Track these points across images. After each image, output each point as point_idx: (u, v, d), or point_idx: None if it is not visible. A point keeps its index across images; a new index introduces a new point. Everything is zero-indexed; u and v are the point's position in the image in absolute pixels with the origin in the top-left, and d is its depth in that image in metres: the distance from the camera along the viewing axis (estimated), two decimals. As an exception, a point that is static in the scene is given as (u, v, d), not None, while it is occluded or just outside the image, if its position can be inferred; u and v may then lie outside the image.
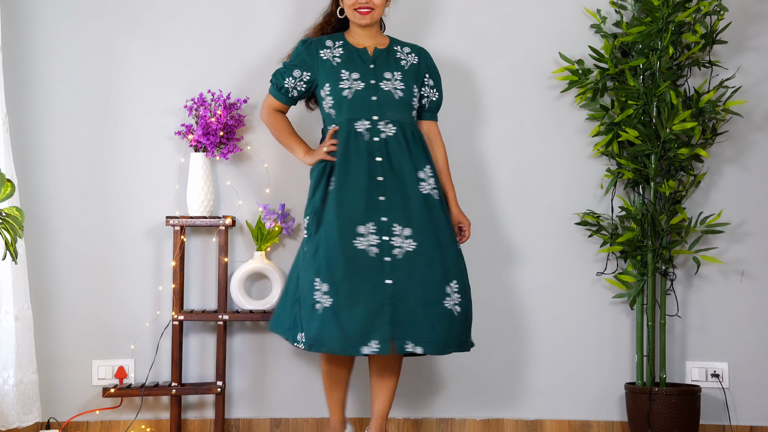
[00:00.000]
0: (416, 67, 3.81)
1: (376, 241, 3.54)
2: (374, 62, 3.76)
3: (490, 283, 4.23)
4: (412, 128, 3.73)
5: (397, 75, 3.75)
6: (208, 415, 4.17)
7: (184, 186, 4.17)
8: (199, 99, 4.10)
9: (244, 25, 4.25)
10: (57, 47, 4.18)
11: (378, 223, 3.56)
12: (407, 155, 3.66)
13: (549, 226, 4.25)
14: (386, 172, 3.63)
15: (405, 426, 4.21)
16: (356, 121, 3.68)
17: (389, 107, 3.70)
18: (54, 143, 4.17)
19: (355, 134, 3.66)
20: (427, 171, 3.69)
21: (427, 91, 3.84)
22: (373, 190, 3.60)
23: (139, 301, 4.16)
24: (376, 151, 3.65)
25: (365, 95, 3.69)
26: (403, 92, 3.73)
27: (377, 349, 3.46)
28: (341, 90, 3.70)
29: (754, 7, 4.25)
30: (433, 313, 3.51)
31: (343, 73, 3.72)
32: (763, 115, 4.24)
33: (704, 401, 4.15)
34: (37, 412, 3.93)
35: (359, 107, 3.69)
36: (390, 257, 3.53)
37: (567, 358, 4.24)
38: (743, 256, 4.22)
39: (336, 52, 3.77)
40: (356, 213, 3.56)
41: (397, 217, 3.58)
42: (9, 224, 3.14)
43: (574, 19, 4.27)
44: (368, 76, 3.73)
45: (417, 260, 3.53)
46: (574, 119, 4.27)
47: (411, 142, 3.69)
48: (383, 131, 3.67)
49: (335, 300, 3.49)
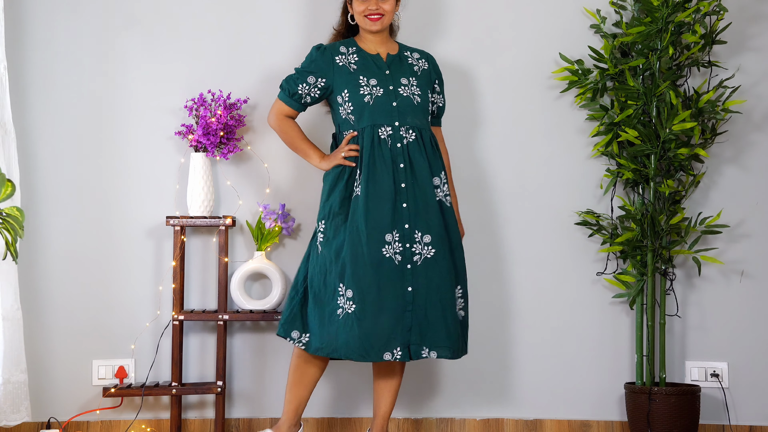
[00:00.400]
0: (428, 73, 3.83)
1: (400, 249, 3.59)
2: (389, 68, 3.76)
3: (490, 283, 4.23)
4: (429, 134, 3.75)
5: (412, 81, 3.76)
6: (208, 415, 4.17)
7: (184, 186, 4.17)
8: (199, 99, 4.11)
9: (245, 25, 4.25)
10: (57, 47, 4.18)
11: (401, 230, 3.61)
12: (426, 161, 3.68)
13: (549, 226, 4.26)
14: (408, 179, 3.65)
15: (405, 426, 4.21)
16: (379, 127, 3.68)
17: (409, 113, 3.71)
18: (54, 143, 4.17)
19: (379, 140, 3.67)
20: (442, 177, 3.72)
21: (436, 97, 3.86)
22: (397, 197, 3.63)
23: (140, 301, 4.17)
24: (399, 157, 3.66)
25: (386, 101, 3.69)
26: (420, 98, 3.75)
27: (400, 356, 3.55)
28: (362, 96, 3.69)
29: (754, 7, 4.25)
30: (449, 319, 3.61)
31: (362, 80, 3.71)
32: (763, 115, 4.24)
33: (704, 401, 4.15)
34: (26, 412, 3.92)
35: (381, 113, 3.69)
36: (411, 264, 3.60)
37: (567, 357, 4.24)
38: (743, 257, 4.22)
39: (351, 59, 3.75)
40: (384, 221, 3.60)
41: (419, 224, 3.63)
42: (9, 224, 3.15)
43: (573, 19, 4.27)
44: (386, 82, 3.73)
45: (435, 267, 3.61)
46: (574, 119, 4.27)
47: (429, 148, 3.71)
48: (404, 137, 3.68)
49: (360, 307, 3.55)
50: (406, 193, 3.64)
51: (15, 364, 3.88)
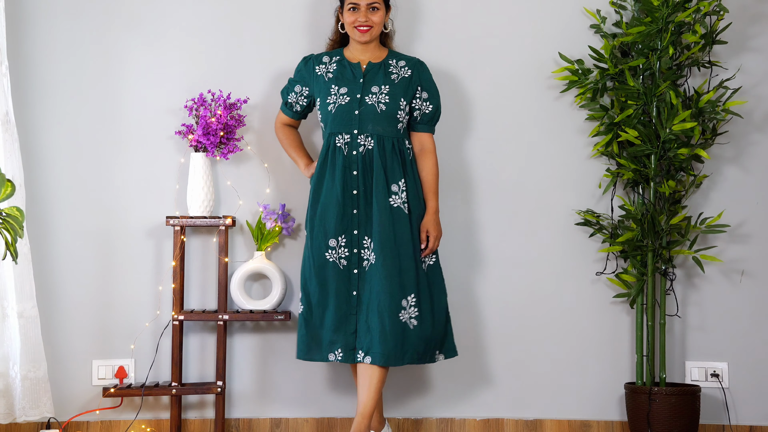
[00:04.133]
0: (407, 81, 3.88)
1: (346, 254, 3.77)
2: (365, 76, 3.86)
3: (491, 283, 4.23)
4: (394, 140, 3.83)
5: (384, 89, 3.83)
6: (208, 415, 4.17)
7: (184, 186, 4.17)
8: (199, 99, 4.10)
9: (245, 25, 4.25)
10: (57, 47, 4.18)
11: (350, 235, 3.78)
12: (382, 168, 3.78)
13: (549, 226, 4.25)
14: (360, 186, 3.78)
15: (405, 426, 4.21)
16: (337, 135, 3.82)
17: (370, 120, 3.80)
18: (54, 143, 4.17)
19: (334, 148, 3.81)
20: (401, 185, 3.80)
21: (419, 104, 3.90)
22: (347, 203, 3.78)
23: (140, 301, 4.16)
24: (353, 164, 3.79)
25: (348, 110, 3.81)
26: (386, 105, 3.82)
27: (341, 358, 3.72)
28: (327, 105, 3.84)
29: (754, 7, 4.25)
30: (386, 325, 3.69)
31: (333, 89, 3.84)
32: (763, 116, 4.24)
33: (704, 401, 4.15)
34: (45, 407, 3.95)
35: (340, 122, 3.82)
36: (358, 269, 3.77)
37: (567, 357, 4.24)
38: (743, 256, 4.22)
39: (330, 68, 3.89)
40: (330, 226, 3.77)
41: (368, 230, 3.77)
42: (9, 224, 3.14)
43: (573, 19, 4.27)
44: (355, 90, 3.83)
45: (377, 273, 3.73)
46: (574, 119, 4.27)
47: (389, 155, 3.80)
48: (363, 144, 3.80)
49: (307, 308, 3.80)
50: (358, 200, 3.78)
51: (32, 360, 3.92)
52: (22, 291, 3.90)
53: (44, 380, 3.95)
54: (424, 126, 3.92)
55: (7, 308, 3.88)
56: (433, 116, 3.93)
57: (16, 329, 3.87)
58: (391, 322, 3.68)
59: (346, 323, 3.74)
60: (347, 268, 3.76)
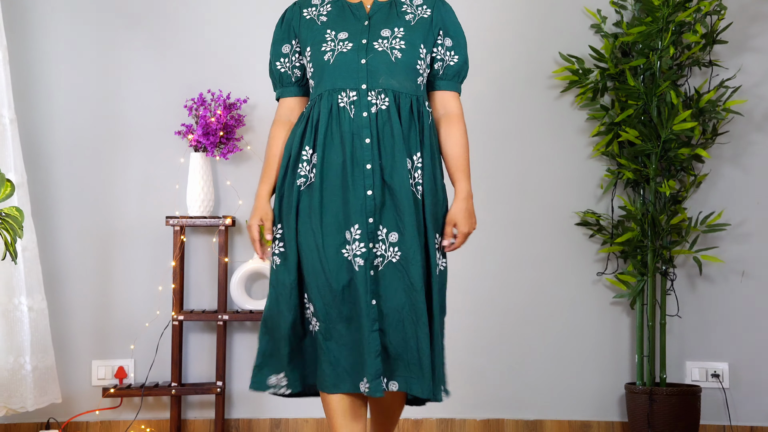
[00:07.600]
0: (427, 22, 2.96)
1: (362, 251, 2.84)
2: (370, 18, 2.94)
3: (491, 283, 4.23)
4: (413, 99, 2.91)
5: (398, 31, 2.91)
6: (208, 415, 4.17)
7: (184, 186, 4.17)
8: (199, 99, 4.10)
9: (245, 25, 4.25)
10: (57, 47, 4.18)
11: (364, 226, 2.85)
12: (400, 136, 2.86)
13: (549, 227, 4.25)
14: (376, 159, 2.86)
15: (405, 426, 4.21)
16: (340, 92, 2.89)
17: (382, 72, 2.88)
18: (54, 143, 4.17)
19: (338, 110, 2.88)
20: (415, 159, 2.89)
21: (442, 53, 2.97)
22: (358, 183, 2.85)
23: (139, 301, 4.16)
24: (364, 130, 2.86)
25: (351, 59, 2.88)
26: (403, 53, 2.90)
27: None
28: (323, 54, 2.91)
29: (755, 7, 4.25)
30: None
31: (328, 34, 2.93)
32: (764, 115, 4.24)
33: (704, 401, 4.15)
34: (53, 394, 3.98)
35: (343, 74, 2.89)
36: (373, 269, 2.85)
37: (567, 358, 4.24)
38: (743, 256, 4.22)
39: (323, 10, 2.98)
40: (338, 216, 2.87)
41: (386, 219, 2.86)
42: (9, 224, 3.14)
43: (574, 19, 4.27)
44: (359, 35, 2.91)
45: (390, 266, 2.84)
46: (574, 119, 4.27)
47: (406, 119, 2.89)
48: (374, 104, 2.87)
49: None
50: (373, 178, 2.85)
51: (42, 351, 3.95)
52: (31, 285, 3.93)
53: (52, 368, 3.98)
54: (449, 83, 3.00)
55: (20, 305, 3.90)
56: (460, 70, 3.01)
57: (27, 323, 3.90)
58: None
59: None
60: (362, 267, 2.84)
